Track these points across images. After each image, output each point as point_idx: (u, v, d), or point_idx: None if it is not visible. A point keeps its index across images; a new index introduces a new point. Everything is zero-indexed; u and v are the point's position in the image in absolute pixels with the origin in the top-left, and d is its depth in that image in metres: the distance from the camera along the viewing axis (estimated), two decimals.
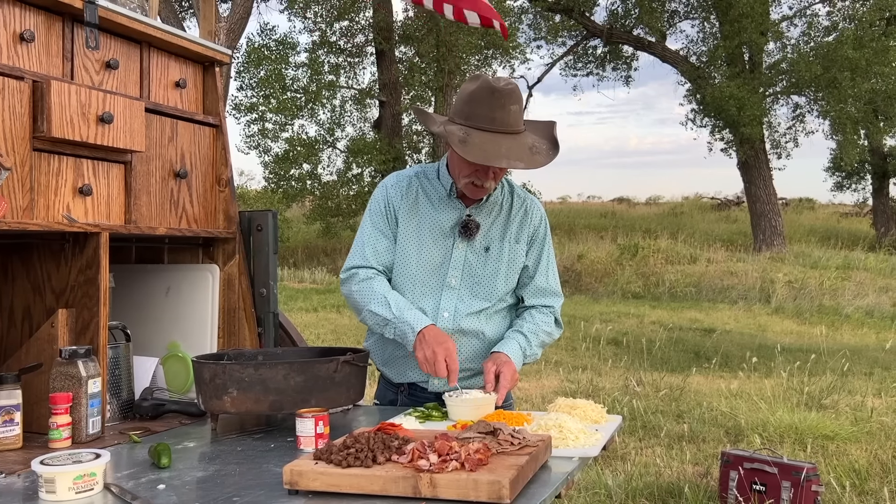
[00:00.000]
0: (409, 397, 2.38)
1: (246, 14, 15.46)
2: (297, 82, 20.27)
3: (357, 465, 1.52)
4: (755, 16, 18.05)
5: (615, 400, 6.16)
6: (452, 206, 2.32)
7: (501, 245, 2.32)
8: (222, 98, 2.71)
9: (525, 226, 2.35)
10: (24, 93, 1.98)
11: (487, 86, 2.14)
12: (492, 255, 2.31)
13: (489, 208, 2.33)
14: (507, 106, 2.13)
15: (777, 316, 11.98)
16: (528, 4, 21.37)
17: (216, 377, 1.97)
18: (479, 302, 2.30)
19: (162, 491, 1.57)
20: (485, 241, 2.31)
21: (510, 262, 2.32)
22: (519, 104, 2.18)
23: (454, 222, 2.30)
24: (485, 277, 2.30)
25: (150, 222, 2.37)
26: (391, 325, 2.22)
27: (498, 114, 2.12)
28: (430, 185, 2.35)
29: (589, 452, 1.81)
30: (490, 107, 2.13)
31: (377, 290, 2.26)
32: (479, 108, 2.14)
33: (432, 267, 2.29)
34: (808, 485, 3.80)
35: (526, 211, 2.37)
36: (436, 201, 2.32)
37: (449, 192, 2.32)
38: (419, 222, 2.31)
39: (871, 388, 6.84)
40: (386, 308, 2.22)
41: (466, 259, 2.29)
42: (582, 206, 32.08)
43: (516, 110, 2.16)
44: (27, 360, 2.05)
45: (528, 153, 2.14)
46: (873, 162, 23.05)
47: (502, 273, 2.31)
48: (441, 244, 2.30)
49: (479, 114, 2.13)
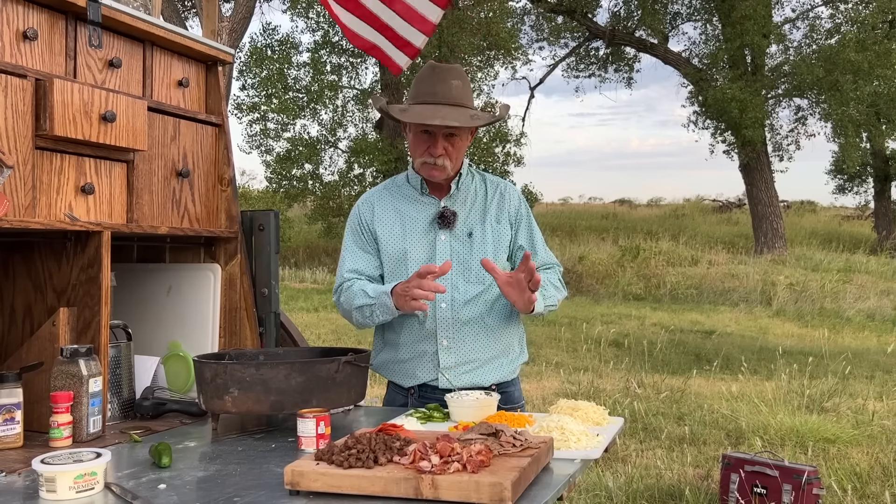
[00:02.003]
0: (419, 399, 2.38)
1: (248, 14, 15.47)
2: (299, 82, 20.30)
3: (358, 465, 1.51)
4: (757, 18, 18.06)
5: (616, 402, 6.15)
6: (427, 202, 2.40)
7: (483, 228, 2.38)
8: (224, 97, 2.71)
9: (504, 207, 2.41)
10: (26, 91, 1.98)
11: (429, 65, 2.32)
12: (476, 238, 2.36)
13: (463, 197, 2.40)
14: (447, 80, 2.27)
15: (778, 319, 11.97)
16: (530, 6, 21.38)
17: (217, 377, 1.97)
18: (474, 286, 2.34)
19: (162, 491, 1.56)
20: (466, 227, 2.37)
21: (496, 243, 2.38)
22: (462, 80, 2.30)
23: (432, 216, 2.37)
24: (473, 261, 2.34)
25: (151, 221, 2.37)
26: (374, 307, 2.27)
27: (439, 87, 2.26)
28: (401, 190, 2.45)
29: (591, 454, 1.81)
30: (431, 82, 2.27)
31: (356, 289, 2.34)
32: (421, 85, 2.29)
33: (422, 262, 2.33)
34: (809, 488, 3.79)
35: (501, 193, 2.43)
36: (412, 201, 2.41)
37: (421, 190, 2.40)
38: (402, 225, 2.38)
39: (873, 392, 6.83)
40: (365, 297, 2.29)
41: (452, 247, 2.35)
42: (583, 207, 32.09)
43: (458, 85, 2.28)
44: (28, 358, 2.05)
45: (466, 117, 2.25)
46: (875, 165, 23.03)
47: (490, 254, 2.36)
48: (425, 239, 2.36)
49: (422, 90, 2.28)
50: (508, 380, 2.43)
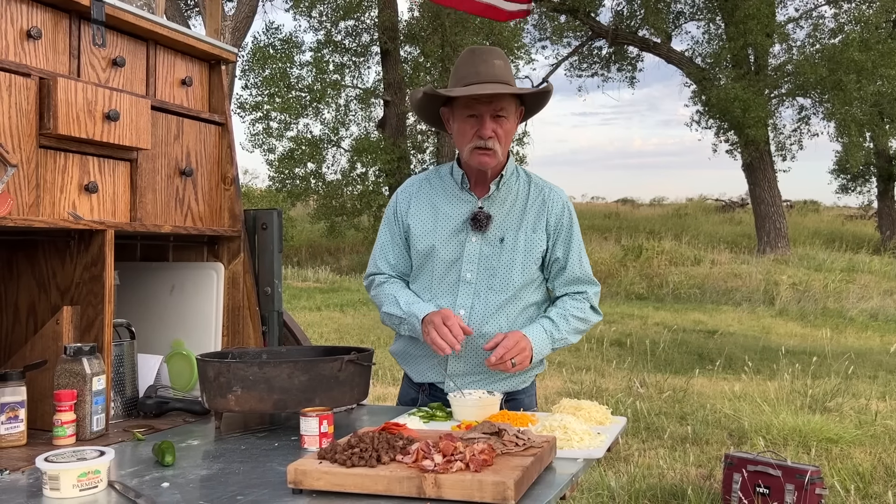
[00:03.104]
0: (429, 397, 2.37)
1: (251, 13, 15.48)
2: (301, 81, 20.30)
3: (361, 464, 1.51)
4: (761, 17, 18.01)
5: (618, 401, 6.15)
6: (465, 200, 2.31)
7: (517, 235, 2.27)
8: (228, 96, 2.71)
9: (543, 214, 2.30)
10: (30, 90, 1.98)
11: (469, 49, 2.28)
12: (507, 245, 2.27)
13: (502, 198, 2.30)
14: (489, 60, 2.21)
15: (781, 318, 11.95)
16: (533, 5, 21.35)
17: (220, 375, 1.97)
18: (496, 295, 2.26)
19: (166, 489, 1.57)
20: (499, 231, 2.27)
21: (527, 252, 2.27)
22: (503, 60, 2.24)
23: (467, 215, 2.28)
24: (500, 269, 2.26)
25: (155, 220, 2.37)
26: (404, 322, 2.26)
27: (482, 67, 2.19)
28: (442, 181, 2.36)
29: (594, 454, 1.80)
30: (473, 63, 2.21)
31: (389, 291, 2.32)
32: (463, 68, 2.23)
33: (448, 262, 2.28)
34: (811, 488, 3.79)
35: (544, 200, 2.31)
36: (450, 196, 2.33)
37: (461, 185, 2.31)
38: (434, 219, 2.31)
39: (876, 392, 6.82)
40: (396, 307, 2.27)
41: (481, 252, 2.27)
42: (586, 206, 32.02)
43: (501, 65, 2.22)
44: (32, 356, 2.05)
45: (516, 88, 2.20)
46: (878, 164, 22.99)
47: (518, 263, 2.26)
48: (455, 239, 2.29)
49: (465, 73, 2.21)
50: (519, 388, 2.35)
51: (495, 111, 2.18)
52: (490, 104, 2.17)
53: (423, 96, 2.27)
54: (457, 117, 2.24)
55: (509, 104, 2.21)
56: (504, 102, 2.19)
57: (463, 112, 2.21)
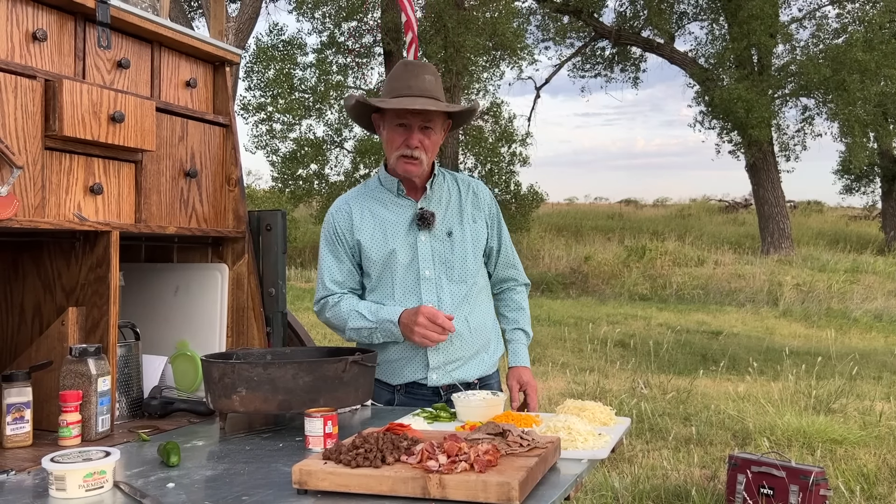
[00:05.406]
0: (406, 395, 2.42)
1: (255, 14, 15.49)
2: (305, 82, 20.31)
3: (366, 465, 1.52)
4: (764, 17, 17.99)
5: (622, 402, 6.14)
6: (403, 205, 2.42)
7: (462, 227, 2.42)
8: (231, 98, 2.72)
9: (479, 206, 2.47)
10: (36, 92, 1.99)
11: (402, 62, 2.42)
12: (456, 238, 2.41)
13: (437, 197, 2.43)
14: (420, 75, 2.33)
15: (785, 319, 11.93)
16: (536, 6, 21.36)
17: (225, 376, 1.97)
18: (457, 286, 2.39)
19: (171, 489, 1.57)
20: (444, 226, 2.41)
21: (474, 241, 2.43)
22: (434, 76, 2.36)
23: (410, 217, 2.39)
24: (455, 261, 2.39)
25: (159, 221, 2.38)
26: (376, 330, 2.33)
27: (413, 81, 2.31)
28: (375, 193, 2.46)
29: (598, 454, 1.81)
30: (405, 77, 2.33)
31: (347, 308, 2.38)
32: (395, 82, 2.34)
33: (405, 264, 2.37)
34: (816, 489, 3.78)
35: (475, 192, 2.48)
36: (389, 204, 2.43)
37: (397, 192, 2.43)
38: (383, 228, 2.39)
39: (880, 393, 6.81)
40: (363, 319, 2.34)
41: (433, 248, 2.39)
42: (589, 207, 32.01)
43: (431, 80, 2.34)
44: (37, 357, 2.06)
45: (443, 105, 2.31)
46: (882, 165, 22.92)
47: (470, 253, 2.41)
48: (406, 240, 2.38)
49: (396, 85, 2.33)
50: (489, 373, 2.50)
51: (423, 123, 2.32)
52: (419, 116, 2.30)
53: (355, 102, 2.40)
54: (387, 125, 2.37)
55: (437, 118, 2.34)
56: (432, 115, 2.32)
57: (393, 121, 2.34)
